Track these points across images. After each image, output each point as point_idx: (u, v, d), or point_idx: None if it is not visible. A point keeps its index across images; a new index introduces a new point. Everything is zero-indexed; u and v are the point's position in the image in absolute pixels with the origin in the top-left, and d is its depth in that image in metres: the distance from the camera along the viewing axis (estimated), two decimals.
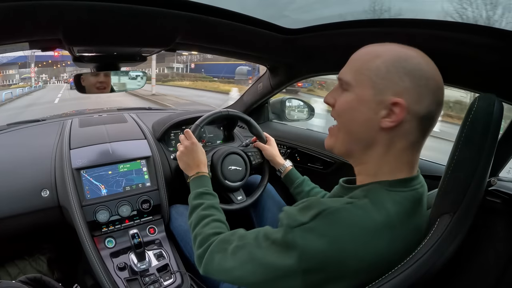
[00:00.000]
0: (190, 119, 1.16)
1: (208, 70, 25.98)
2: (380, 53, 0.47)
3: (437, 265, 0.42)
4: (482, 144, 0.41)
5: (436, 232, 0.43)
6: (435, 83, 0.46)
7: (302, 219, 0.44)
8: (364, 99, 0.47)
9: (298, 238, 0.44)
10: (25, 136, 1.14)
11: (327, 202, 0.46)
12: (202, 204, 0.71)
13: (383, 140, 0.47)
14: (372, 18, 0.70)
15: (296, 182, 0.93)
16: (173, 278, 0.87)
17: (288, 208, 0.49)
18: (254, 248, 0.50)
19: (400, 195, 0.47)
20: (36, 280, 0.75)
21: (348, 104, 0.49)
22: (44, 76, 34.19)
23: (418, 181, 0.50)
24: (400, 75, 0.45)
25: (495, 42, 0.54)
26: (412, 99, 0.45)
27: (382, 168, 0.49)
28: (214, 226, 0.64)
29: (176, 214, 1.03)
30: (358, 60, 0.49)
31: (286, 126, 1.45)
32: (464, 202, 0.43)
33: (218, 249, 0.57)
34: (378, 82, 0.46)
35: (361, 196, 0.47)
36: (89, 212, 0.91)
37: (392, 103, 0.45)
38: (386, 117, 0.46)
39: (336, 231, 0.43)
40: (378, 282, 0.42)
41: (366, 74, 0.47)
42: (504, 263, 0.50)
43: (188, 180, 0.81)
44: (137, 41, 0.81)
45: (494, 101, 0.41)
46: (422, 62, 0.46)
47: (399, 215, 0.45)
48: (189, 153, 0.83)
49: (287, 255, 0.44)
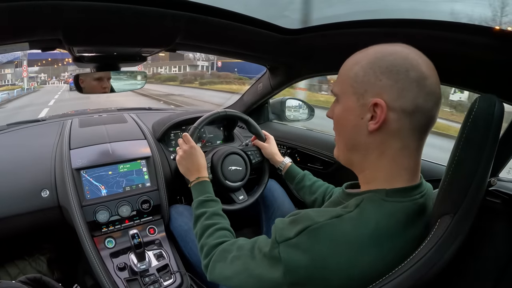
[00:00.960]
0: (190, 119, 1.16)
1: (242, 69, 20.38)
2: (359, 59, 0.48)
3: (438, 266, 0.42)
4: (483, 144, 0.41)
5: (436, 233, 0.43)
6: (417, 74, 0.43)
7: (288, 234, 0.45)
8: (349, 107, 0.49)
9: (283, 253, 0.45)
10: (25, 136, 1.14)
11: (314, 217, 0.46)
12: (205, 213, 0.72)
13: (376, 144, 0.47)
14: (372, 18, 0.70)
15: (297, 178, 0.93)
16: (173, 278, 0.87)
17: (278, 221, 0.50)
18: (248, 259, 0.53)
19: (395, 206, 0.46)
20: (36, 280, 0.75)
21: (339, 114, 0.51)
22: (43, 76, 32.12)
23: (419, 190, 0.48)
24: (376, 75, 0.45)
25: (495, 43, 0.53)
26: (392, 95, 0.44)
27: (378, 174, 0.49)
28: (218, 235, 0.66)
29: (176, 214, 1.03)
30: (341, 71, 0.51)
31: (286, 126, 1.45)
32: (464, 203, 0.43)
33: (219, 259, 0.60)
34: (357, 87, 0.47)
35: (353, 206, 0.47)
36: (89, 212, 0.91)
37: (373, 104, 0.45)
38: (371, 120, 0.46)
39: (319, 247, 0.43)
40: (378, 284, 0.42)
41: (347, 82, 0.49)
42: (504, 263, 0.50)
43: (189, 185, 0.81)
44: (137, 41, 0.81)
45: (495, 102, 0.41)
46: (400, 56, 0.44)
47: (389, 228, 0.44)
48: (188, 157, 0.83)
49: (274, 268, 0.46)
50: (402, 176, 0.48)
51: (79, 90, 0.93)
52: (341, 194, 0.56)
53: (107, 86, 0.96)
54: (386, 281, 0.42)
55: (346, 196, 0.54)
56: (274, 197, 1.08)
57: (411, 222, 0.46)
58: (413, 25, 0.63)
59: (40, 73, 32.62)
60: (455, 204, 0.44)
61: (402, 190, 0.47)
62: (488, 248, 0.53)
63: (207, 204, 0.74)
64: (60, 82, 30.31)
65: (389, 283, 0.42)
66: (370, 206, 0.46)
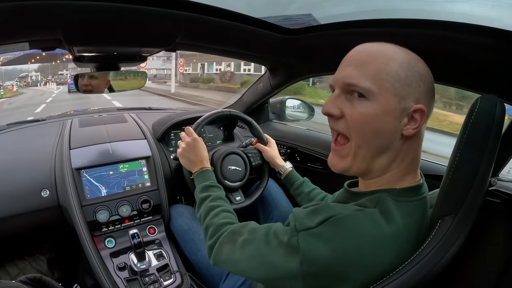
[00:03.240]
0: (190, 119, 1.16)
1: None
2: (391, 55, 0.44)
3: (439, 266, 0.42)
4: (484, 145, 0.41)
5: (437, 234, 0.43)
6: (433, 83, 0.47)
7: (309, 224, 0.44)
8: (389, 108, 0.43)
9: (302, 242, 0.43)
10: (25, 136, 1.13)
11: (336, 208, 0.45)
12: (210, 196, 0.71)
13: (404, 148, 0.46)
14: (372, 18, 0.69)
15: (296, 183, 0.93)
16: (173, 278, 0.87)
17: (297, 210, 0.48)
18: (262, 244, 0.49)
19: (409, 206, 0.46)
20: (36, 280, 0.75)
21: (371, 115, 0.44)
22: (35, 76, 25.98)
23: (424, 188, 0.49)
24: (416, 79, 0.44)
25: (496, 43, 0.53)
26: (426, 103, 0.45)
27: (393, 175, 0.48)
28: (224, 216, 0.64)
29: (176, 214, 1.03)
30: (371, 63, 0.44)
31: (286, 126, 1.44)
32: (465, 203, 0.43)
33: (227, 240, 0.57)
34: (400, 88, 0.43)
35: (370, 206, 0.45)
36: (89, 212, 0.91)
37: (414, 110, 0.44)
38: (408, 125, 0.45)
39: (341, 239, 0.42)
40: (379, 284, 0.42)
41: (386, 79, 0.43)
42: (505, 263, 0.50)
43: (191, 176, 0.81)
44: (137, 41, 0.81)
45: (496, 102, 0.41)
46: (424, 65, 0.46)
47: (407, 228, 0.44)
48: (191, 149, 0.83)
49: (291, 257, 0.44)
50: (411, 175, 0.49)
51: (78, 90, 0.93)
52: (345, 194, 0.55)
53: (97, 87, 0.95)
54: (388, 281, 0.42)
55: (353, 196, 0.52)
56: (272, 196, 1.08)
57: (423, 220, 0.47)
58: (414, 25, 0.63)
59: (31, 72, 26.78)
60: (456, 205, 0.44)
61: (411, 189, 0.47)
62: (488, 248, 0.53)
63: (211, 189, 0.74)
64: (51, 84, 23.05)
65: (391, 283, 0.41)
66: (388, 205, 0.45)
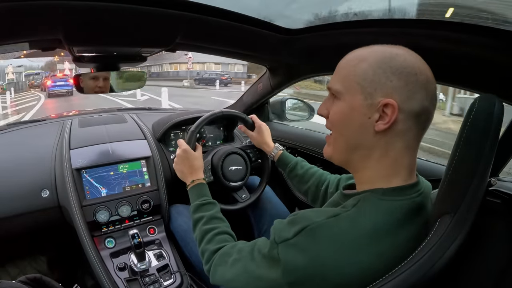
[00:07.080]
0: (190, 119, 1.16)
1: None
2: (365, 56, 0.47)
3: (437, 266, 0.42)
4: (483, 144, 0.41)
5: (436, 233, 0.43)
6: (424, 77, 0.45)
7: (286, 235, 0.46)
8: (355, 105, 0.47)
9: (281, 254, 0.45)
10: (25, 136, 1.14)
11: (312, 217, 0.46)
12: (203, 217, 0.72)
13: (381, 144, 0.47)
14: (372, 18, 0.70)
15: (289, 165, 0.91)
16: (173, 278, 0.87)
17: (277, 222, 0.50)
18: (249, 261, 0.54)
19: (393, 204, 0.46)
20: (36, 280, 0.75)
21: (341, 112, 0.49)
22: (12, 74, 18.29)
23: (417, 189, 0.49)
24: (387, 75, 0.44)
25: (495, 42, 0.53)
26: (402, 97, 0.44)
27: (379, 174, 0.48)
28: (218, 240, 0.67)
29: (176, 214, 1.03)
30: (344, 67, 0.49)
31: (286, 126, 1.44)
32: (464, 203, 0.43)
33: (220, 262, 0.61)
34: (366, 86, 0.46)
35: (350, 206, 0.47)
36: (89, 212, 0.91)
37: (383, 105, 0.44)
38: (379, 120, 0.45)
39: (316, 247, 0.43)
40: (378, 283, 0.42)
41: (353, 80, 0.47)
42: (504, 263, 0.50)
43: (187, 188, 0.81)
44: (137, 41, 0.81)
45: (494, 102, 0.41)
46: (409, 59, 0.45)
47: (387, 226, 0.45)
48: (181, 161, 0.83)
49: (273, 268, 0.47)
50: (400, 175, 0.48)
51: (79, 90, 0.93)
52: (339, 196, 0.56)
53: (104, 87, 0.96)
54: (386, 280, 0.42)
55: (343, 197, 0.54)
56: (266, 199, 1.08)
57: (409, 220, 0.46)
58: (413, 24, 0.63)
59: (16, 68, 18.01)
60: (455, 204, 0.44)
61: (399, 189, 0.47)
62: (488, 248, 0.53)
63: (203, 208, 0.74)
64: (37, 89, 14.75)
65: (389, 283, 0.41)
66: (367, 205, 0.46)
